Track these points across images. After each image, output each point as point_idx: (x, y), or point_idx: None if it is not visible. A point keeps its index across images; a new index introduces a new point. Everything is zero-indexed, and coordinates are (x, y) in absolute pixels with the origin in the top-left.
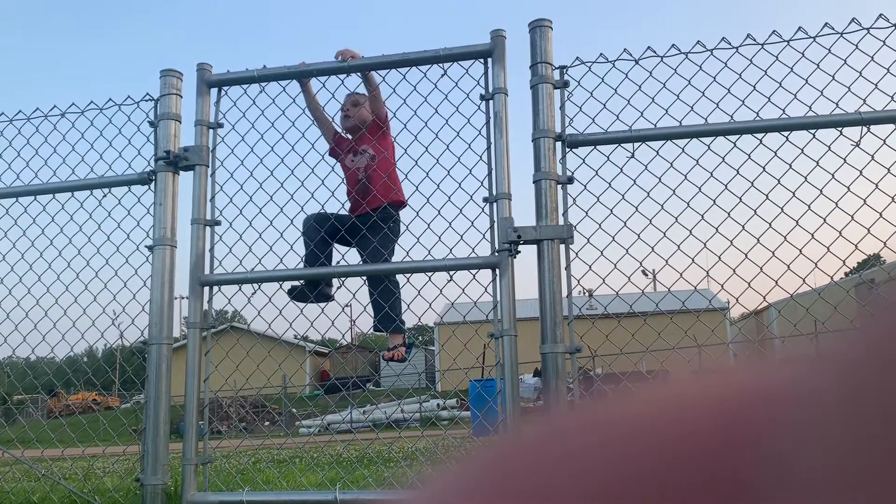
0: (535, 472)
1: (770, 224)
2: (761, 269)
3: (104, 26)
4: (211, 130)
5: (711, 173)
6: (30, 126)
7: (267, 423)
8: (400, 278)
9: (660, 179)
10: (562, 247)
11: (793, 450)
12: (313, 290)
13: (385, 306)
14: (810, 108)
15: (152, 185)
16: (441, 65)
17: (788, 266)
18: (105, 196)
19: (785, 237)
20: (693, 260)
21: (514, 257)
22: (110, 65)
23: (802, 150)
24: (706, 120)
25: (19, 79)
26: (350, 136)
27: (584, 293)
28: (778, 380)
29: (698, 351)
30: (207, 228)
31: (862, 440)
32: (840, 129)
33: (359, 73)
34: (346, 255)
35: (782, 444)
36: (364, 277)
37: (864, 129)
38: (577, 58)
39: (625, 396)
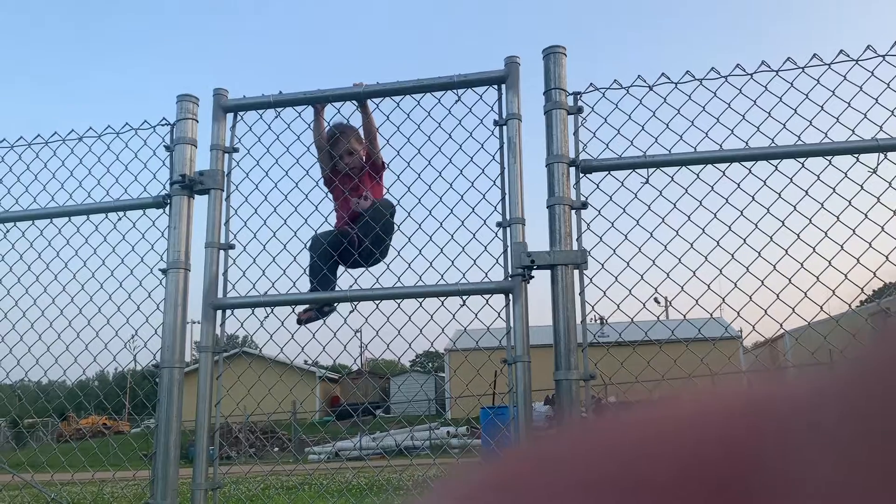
0: (540, 475)
1: (786, 251)
2: (778, 296)
3: (123, 51)
4: (226, 155)
5: (727, 199)
6: (47, 150)
7: (277, 449)
8: (412, 303)
9: (674, 205)
10: (576, 272)
11: (801, 458)
12: (320, 309)
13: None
14: (826, 134)
15: (167, 209)
16: (455, 91)
17: (805, 293)
18: (120, 219)
19: (801, 264)
20: (709, 287)
21: (528, 282)
22: (128, 89)
23: (819, 176)
24: (721, 146)
25: (38, 102)
26: (352, 175)
27: (597, 320)
28: (788, 390)
29: (713, 380)
30: (221, 252)
31: (870, 449)
32: (857, 155)
33: (358, 108)
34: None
35: (791, 453)
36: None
37: (882, 155)
38: (591, 84)
39: (634, 407)
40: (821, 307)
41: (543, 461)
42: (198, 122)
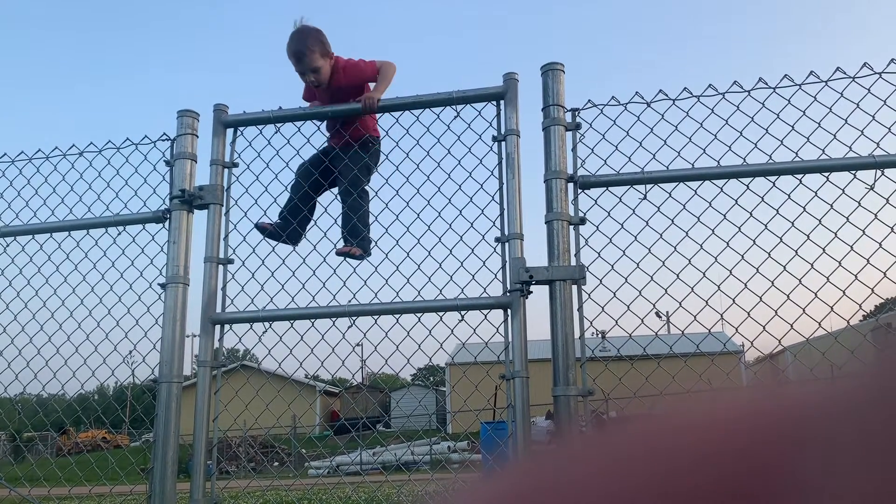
0: (562, 477)
1: (784, 267)
2: (776, 312)
3: (123, 67)
4: (226, 170)
5: (724, 216)
6: (48, 164)
7: (276, 464)
8: (410, 317)
9: (672, 221)
10: (574, 288)
11: (817, 463)
12: (286, 231)
13: (353, 217)
14: (823, 150)
15: (167, 224)
16: (454, 107)
17: (804, 310)
18: (120, 234)
19: (800, 280)
20: (707, 303)
21: (526, 298)
22: (128, 104)
23: (816, 192)
24: (719, 162)
25: (40, 116)
26: (325, 91)
27: (597, 334)
28: (802, 398)
29: (719, 392)
30: (220, 267)
31: (882, 455)
32: (854, 172)
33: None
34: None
35: (807, 458)
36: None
37: (879, 172)
38: (589, 100)
39: (650, 414)
40: (819, 323)
41: (561, 472)
42: (198, 137)
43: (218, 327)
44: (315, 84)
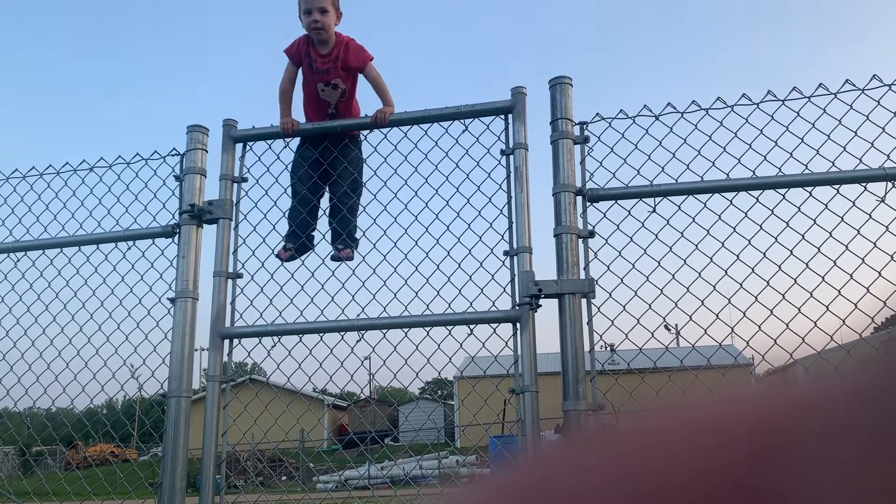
0: (565, 478)
1: (795, 280)
2: (787, 325)
3: (134, 82)
4: (235, 184)
5: (734, 228)
6: (58, 180)
7: (284, 478)
8: (419, 331)
9: (682, 234)
10: (583, 301)
11: (817, 461)
12: (302, 250)
13: (352, 220)
14: (833, 163)
15: (176, 238)
16: (462, 121)
17: (815, 323)
18: (129, 249)
19: (811, 293)
20: (717, 316)
21: (535, 311)
22: (138, 119)
23: (826, 205)
24: (728, 175)
25: (50, 132)
26: (321, 53)
27: (606, 348)
28: (803, 396)
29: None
30: (229, 281)
31: (881, 451)
32: (864, 184)
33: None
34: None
35: (807, 456)
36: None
37: (889, 184)
38: (598, 114)
39: (652, 414)
40: (831, 336)
41: (559, 468)
42: (207, 152)
43: (227, 342)
44: (316, 28)
